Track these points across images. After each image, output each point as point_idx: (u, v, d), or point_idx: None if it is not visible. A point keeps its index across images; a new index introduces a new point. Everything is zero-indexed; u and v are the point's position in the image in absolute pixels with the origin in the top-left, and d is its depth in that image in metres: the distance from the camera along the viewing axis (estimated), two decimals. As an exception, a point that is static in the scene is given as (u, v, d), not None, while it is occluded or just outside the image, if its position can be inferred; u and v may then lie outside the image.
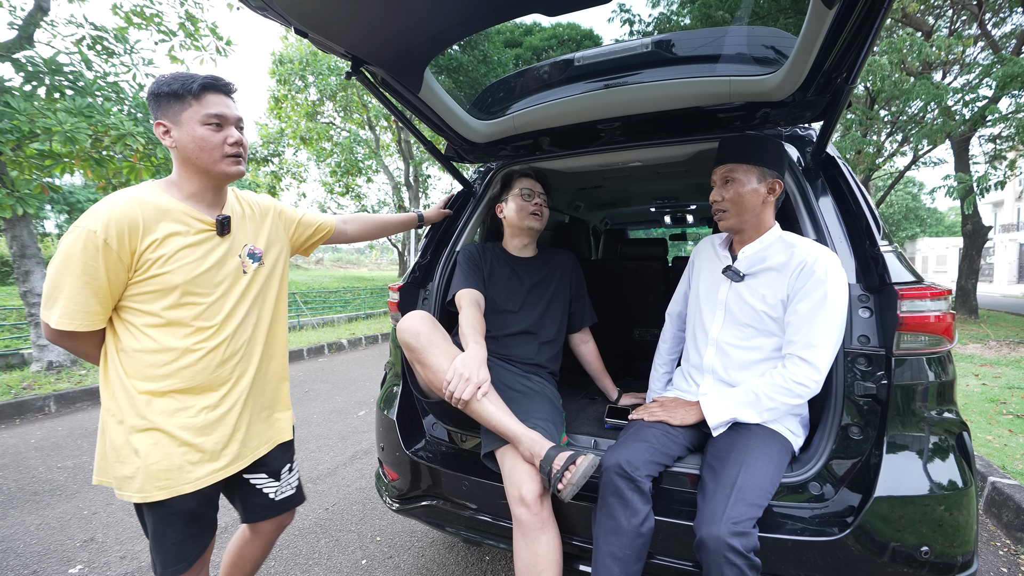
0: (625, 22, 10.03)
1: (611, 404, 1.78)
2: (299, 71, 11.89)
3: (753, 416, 1.30)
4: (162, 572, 1.19)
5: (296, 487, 1.45)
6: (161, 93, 1.11)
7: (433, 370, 1.38)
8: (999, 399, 4.09)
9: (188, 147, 1.12)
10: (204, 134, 1.12)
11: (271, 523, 1.41)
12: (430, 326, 1.43)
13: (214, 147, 1.13)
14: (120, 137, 4.90)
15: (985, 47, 9.31)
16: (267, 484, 1.36)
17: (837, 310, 1.23)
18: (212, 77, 1.14)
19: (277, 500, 1.38)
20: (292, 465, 1.44)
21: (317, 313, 11.32)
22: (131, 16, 5.91)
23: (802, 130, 1.68)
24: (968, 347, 6.60)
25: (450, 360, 1.36)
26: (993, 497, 2.48)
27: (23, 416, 4.35)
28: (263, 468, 1.34)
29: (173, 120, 1.12)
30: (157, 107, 1.13)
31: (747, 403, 1.30)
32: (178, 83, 1.11)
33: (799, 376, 1.23)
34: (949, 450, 1.20)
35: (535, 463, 1.30)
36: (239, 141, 1.17)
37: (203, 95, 1.12)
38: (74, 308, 1.05)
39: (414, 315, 1.47)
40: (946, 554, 1.13)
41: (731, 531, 1.06)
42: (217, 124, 1.13)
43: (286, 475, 1.40)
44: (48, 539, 2.35)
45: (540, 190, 1.81)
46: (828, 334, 1.22)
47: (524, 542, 1.29)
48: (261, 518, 1.38)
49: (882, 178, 16.68)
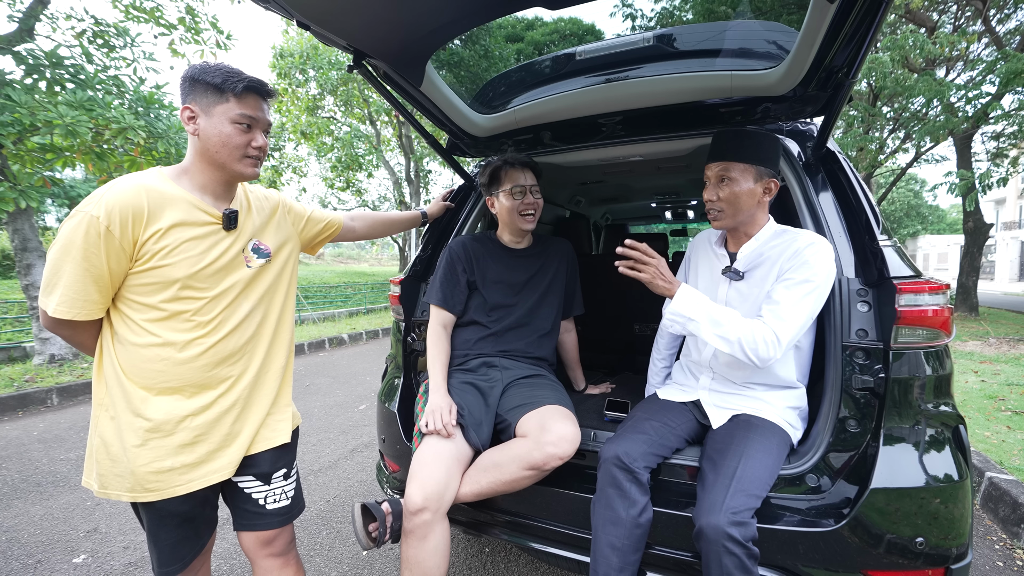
0: (627, 17, 9.99)
1: (610, 398, 1.79)
2: (299, 65, 11.82)
3: (707, 331, 1.28)
4: (158, 571, 1.17)
5: (292, 497, 1.29)
6: (201, 80, 1.08)
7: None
8: (998, 396, 4.11)
9: (211, 139, 1.10)
10: (231, 132, 1.10)
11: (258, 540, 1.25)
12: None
13: (237, 146, 1.11)
14: (121, 130, 4.90)
15: (989, 43, 9.26)
16: (257, 489, 1.23)
17: (813, 296, 1.24)
18: (258, 80, 1.12)
19: (269, 509, 1.24)
20: (289, 471, 1.29)
21: (318, 308, 11.34)
22: (130, 9, 5.89)
23: (803, 125, 1.68)
24: (968, 344, 6.61)
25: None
26: (990, 492, 2.49)
27: (26, 408, 4.38)
28: (252, 470, 1.23)
29: (204, 109, 1.09)
30: (190, 91, 1.09)
31: (712, 319, 1.28)
32: (222, 76, 1.08)
33: (768, 335, 1.23)
34: (945, 443, 1.21)
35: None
36: (263, 146, 1.16)
37: (244, 95, 1.10)
38: (73, 296, 1.02)
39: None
40: (941, 545, 1.15)
41: (730, 520, 1.07)
42: (247, 126, 1.12)
43: (279, 481, 1.26)
44: (52, 529, 2.37)
45: (531, 182, 1.72)
46: (798, 316, 1.23)
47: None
48: (250, 527, 1.24)
49: (884, 175, 16.64)
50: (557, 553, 1.41)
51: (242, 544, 1.28)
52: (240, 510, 1.25)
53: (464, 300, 1.72)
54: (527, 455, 1.33)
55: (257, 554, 1.27)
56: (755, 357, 1.24)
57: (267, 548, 1.26)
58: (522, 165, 1.73)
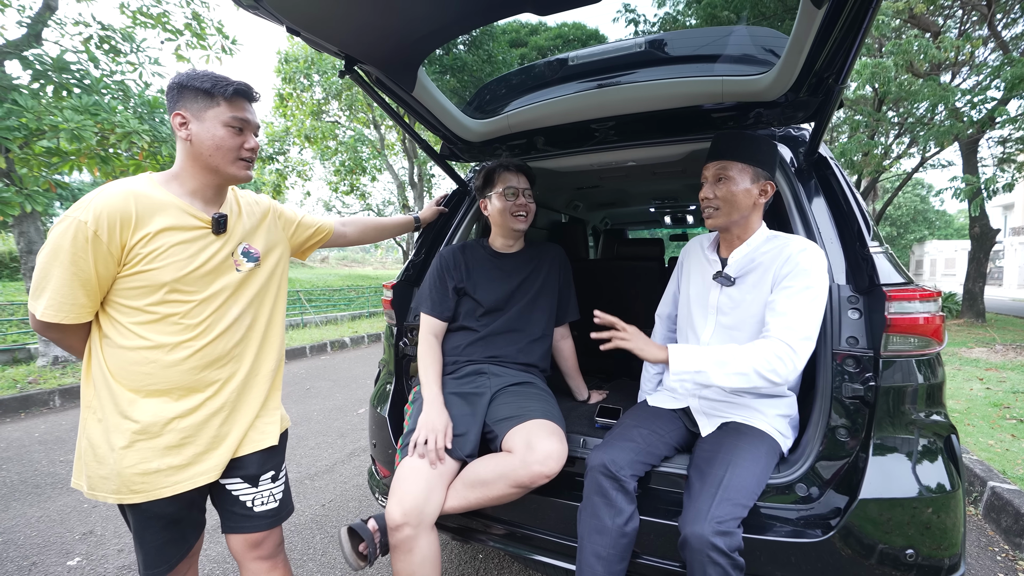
0: (630, 22, 10.01)
1: (601, 404, 1.78)
2: (304, 70, 11.93)
3: (719, 375, 1.20)
4: (144, 573, 1.18)
5: (280, 500, 1.30)
6: (190, 86, 1.10)
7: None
8: (1003, 404, 4.05)
9: (205, 144, 1.11)
10: (224, 135, 1.12)
11: (246, 543, 1.26)
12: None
13: (231, 149, 1.14)
14: (126, 135, 4.96)
15: (995, 48, 9.21)
16: (243, 491, 1.24)
17: (818, 302, 1.22)
18: (245, 84, 1.15)
19: (256, 511, 1.25)
20: (278, 474, 1.30)
21: (321, 311, 11.39)
22: (138, 15, 5.97)
23: (795, 130, 1.67)
24: (974, 351, 6.53)
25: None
26: (992, 502, 2.45)
27: (28, 410, 4.41)
28: (239, 471, 1.23)
29: (195, 114, 1.11)
30: (179, 98, 1.11)
31: (717, 360, 1.21)
32: (211, 82, 1.11)
33: (780, 351, 1.18)
34: (937, 452, 1.19)
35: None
36: (255, 148, 1.18)
37: (234, 99, 1.13)
38: (60, 300, 1.03)
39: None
40: (933, 556, 1.13)
41: (715, 530, 1.06)
42: (239, 128, 1.14)
43: (267, 483, 1.27)
44: (48, 531, 2.38)
45: (524, 185, 1.73)
46: (809, 322, 1.21)
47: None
48: (237, 529, 1.25)
49: (890, 180, 16.53)
50: (546, 561, 1.40)
51: (230, 547, 1.28)
52: (228, 512, 1.25)
53: (453, 307, 1.71)
54: (513, 473, 1.32)
55: (245, 556, 1.27)
56: (777, 378, 1.18)
57: (255, 551, 1.27)
58: (516, 168, 1.74)
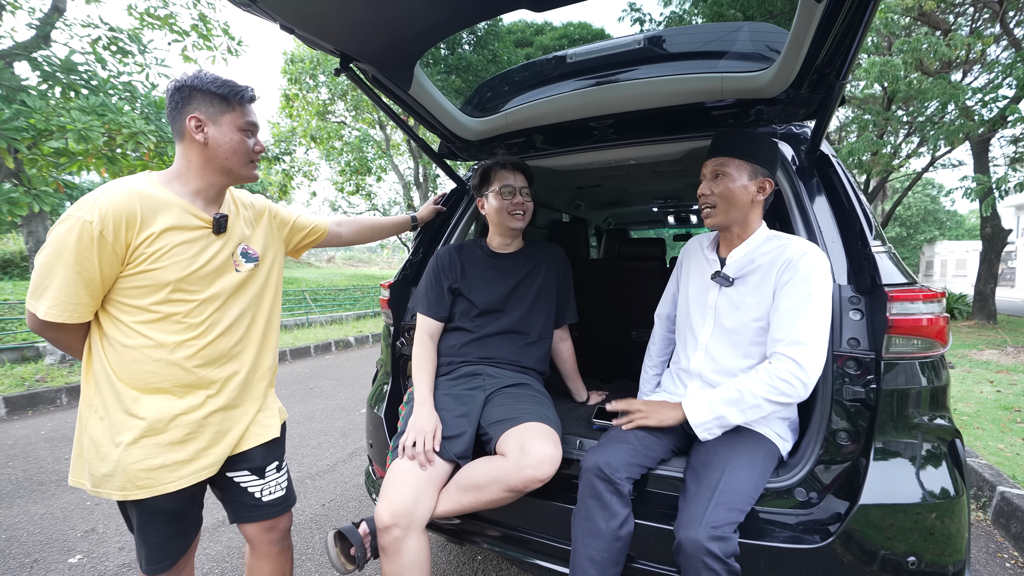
0: (636, 21, 9.96)
1: (599, 405, 1.75)
2: (310, 70, 11.99)
3: (736, 415, 1.23)
4: (146, 568, 1.20)
5: (286, 488, 1.37)
6: (204, 90, 1.12)
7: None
8: (1014, 407, 3.97)
9: (221, 147, 1.15)
10: (240, 139, 1.17)
11: (260, 528, 1.33)
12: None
13: (246, 152, 1.18)
14: (132, 135, 5.00)
15: (1007, 46, 9.06)
16: (252, 483, 1.30)
17: (823, 308, 1.19)
18: (253, 90, 1.20)
19: (265, 501, 1.31)
20: (280, 464, 1.37)
21: (326, 310, 11.43)
22: (145, 17, 6.02)
23: (796, 128, 1.64)
24: (984, 353, 6.42)
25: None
26: (1001, 507, 2.40)
27: (35, 408, 4.46)
28: (245, 464, 1.28)
29: (211, 118, 1.13)
30: (191, 100, 1.12)
31: (729, 401, 1.24)
32: (228, 88, 1.14)
33: (785, 373, 1.18)
34: (940, 457, 1.16)
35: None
36: (262, 148, 1.24)
37: (248, 105, 1.19)
38: (64, 300, 1.03)
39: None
40: (936, 563, 1.10)
41: (710, 535, 1.04)
42: (251, 132, 1.19)
43: (272, 473, 1.33)
44: (51, 528, 2.39)
45: (521, 184, 1.69)
46: (815, 332, 1.18)
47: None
48: (250, 519, 1.31)
49: (900, 179, 16.34)
50: (541, 564, 1.38)
51: (244, 533, 1.35)
52: (238, 504, 1.31)
53: (449, 307, 1.69)
54: (506, 477, 1.30)
55: (260, 540, 1.35)
56: (789, 400, 1.20)
57: (270, 534, 1.35)
58: (513, 167, 1.71)
